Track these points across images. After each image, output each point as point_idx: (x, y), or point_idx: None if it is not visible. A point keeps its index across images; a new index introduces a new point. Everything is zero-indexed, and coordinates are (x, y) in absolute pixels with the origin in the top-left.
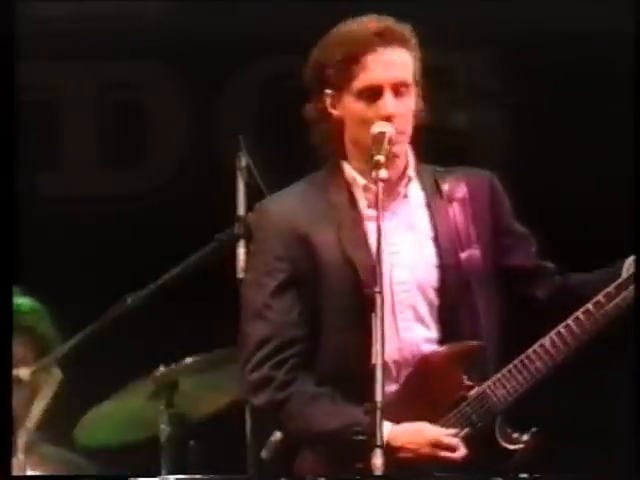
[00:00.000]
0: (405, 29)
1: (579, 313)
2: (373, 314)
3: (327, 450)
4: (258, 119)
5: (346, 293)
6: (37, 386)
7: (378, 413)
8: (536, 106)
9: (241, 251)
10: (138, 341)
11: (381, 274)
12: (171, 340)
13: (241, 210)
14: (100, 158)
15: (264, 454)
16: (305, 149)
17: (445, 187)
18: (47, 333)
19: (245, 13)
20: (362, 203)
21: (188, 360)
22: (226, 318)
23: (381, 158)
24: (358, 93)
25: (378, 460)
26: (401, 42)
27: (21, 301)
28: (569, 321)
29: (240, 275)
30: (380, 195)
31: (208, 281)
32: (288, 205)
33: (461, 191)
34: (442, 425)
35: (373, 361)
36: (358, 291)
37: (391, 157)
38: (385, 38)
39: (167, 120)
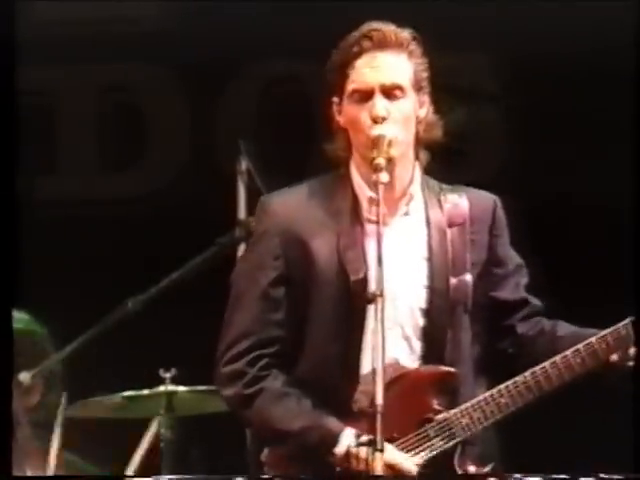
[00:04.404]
0: (401, 33)
1: (557, 358)
2: (374, 318)
3: (288, 450)
4: (258, 123)
5: (335, 301)
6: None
7: (378, 417)
8: (536, 108)
9: None
10: (139, 345)
11: (382, 278)
12: (172, 344)
13: (241, 214)
14: (100, 162)
15: (264, 457)
16: (305, 152)
17: (447, 208)
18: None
19: (245, 17)
20: (365, 215)
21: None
22: None
23: (381, 161)
24: (351, 97)
25: (378, 464)
26: (394, 45)
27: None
28: (545, 364)
29: None
30: (381, 199)
31: (209, 285)
32: (292, 204)
33: (462, 215)
34: (403, 443)
35: (374, 365)
36: (347, 301)
37: (388, 161)
38: (375, 41)
39: (167, 124)
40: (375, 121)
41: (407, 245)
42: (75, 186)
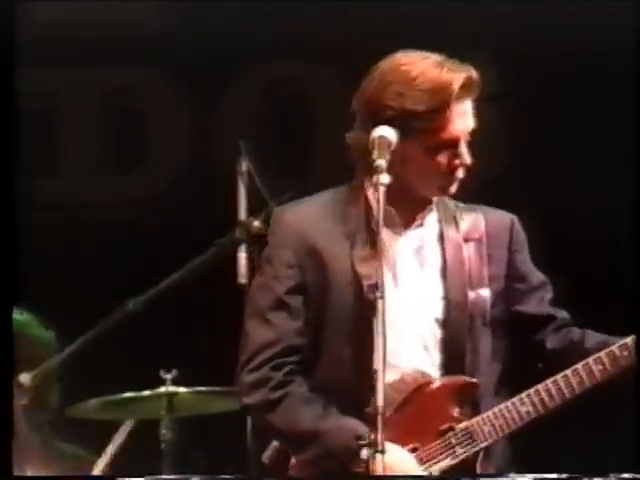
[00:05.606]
0: (477, 75)
1: (579, 366)
2: (374, 319)
3: (312, 453)
4: (258, 124)
5: (351, 308)
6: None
7: (379, 418)
8: (536, 109)
9: (242, 256)
10: (139, 346)
11: (382, 278)
12: (172, 345)
13: (242, 215)
14: (100, 164)
15: (265, 457)
16: (305, 153)
17: (463, 224)
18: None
19: (245, 18)
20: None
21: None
22: (227, 322)
23: (382, 163)
24: (436, 144)
25: (379, 465)
26: (476, 90)
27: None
28: (567, 372)
29: (241, 280)
30: (381, 199)
31: (209, 285)
32: (305, 215)
33: (479, 231)
34: (425, 451)
35: (375, 366)
36: (361, 308)
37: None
38: (468, 89)
39: (167, 125)
40: (457, 167)
41: (422, 256)
42: (75, 187)
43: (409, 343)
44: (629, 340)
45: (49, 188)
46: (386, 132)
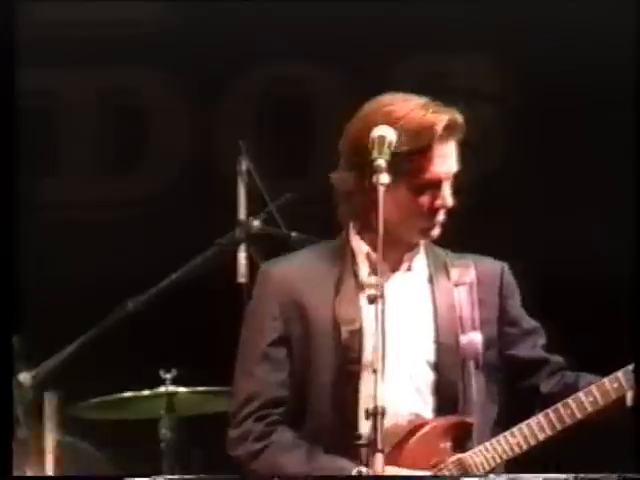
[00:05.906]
0: (461, 118)
1: (569, 399)
2: (375, 320)
3: None
4: (258, 123)
5: (332, 357)
6: None
7: (379, 418)
8: (535, 110)
9: (242, 255)
10: (139, 345)
11: (382, 283)
12: (172, 344)
13: (242, 214)
14: (100, 164)
15: None
16: (305, 152)
17: (453, 271)
18: None
19: (245, 17)
20: (363, 271)
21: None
22: (227, 322)
23: (382, 162)
24: (418, 185)
25: (378, 465)
26: (460, 132)
27: None
28: (558, 405)
29: (241, 280)
30: (381, 200)
31: (209, 285)
32: (290, 269)
33: (469, 277)
34: None
35: (375, 366)
36: (342, 355)
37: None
38: (452, 131)
39: (167, 125)
40: (439, 209)
41: (412, 299)
42: (75, 187)
43: (402, 386)
44: (620, 373)
45: (49, 188)
46: (386, 132)
